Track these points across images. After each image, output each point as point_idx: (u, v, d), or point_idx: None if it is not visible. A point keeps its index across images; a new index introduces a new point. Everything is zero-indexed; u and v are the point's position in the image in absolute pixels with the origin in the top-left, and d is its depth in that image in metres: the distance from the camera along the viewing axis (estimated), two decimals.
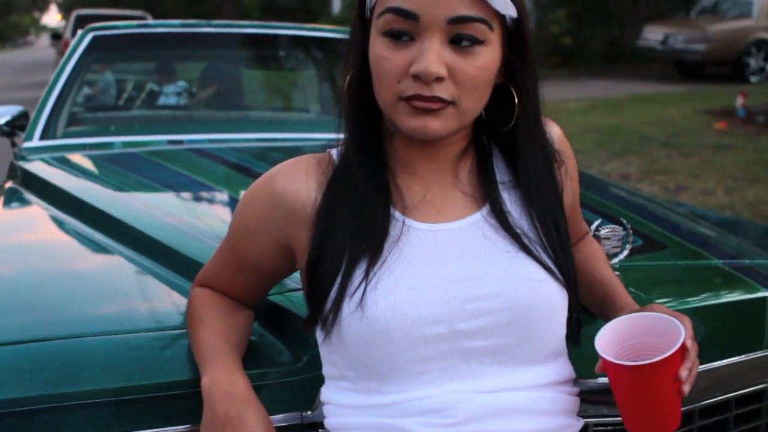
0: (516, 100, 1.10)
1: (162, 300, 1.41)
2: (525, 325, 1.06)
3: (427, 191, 1.11)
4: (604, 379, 1.11)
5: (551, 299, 1.08)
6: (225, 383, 1.09)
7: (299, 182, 1.12)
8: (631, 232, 1.39)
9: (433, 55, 1.00)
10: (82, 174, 2.36)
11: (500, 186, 1.13)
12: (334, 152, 1.15)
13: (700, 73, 14.04)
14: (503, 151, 1.15)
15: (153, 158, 2.44)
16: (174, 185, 2.16)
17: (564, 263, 1.10)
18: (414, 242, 1.07)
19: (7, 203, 2.17)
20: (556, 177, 1.16)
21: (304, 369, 1.21)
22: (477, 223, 1.10)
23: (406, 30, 1.01)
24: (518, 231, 1.09)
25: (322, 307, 1.07)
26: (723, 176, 6.43)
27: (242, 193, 1.25)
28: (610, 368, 1.03)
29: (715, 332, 1.36)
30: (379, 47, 1.04)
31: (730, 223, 2.66)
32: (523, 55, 1.09)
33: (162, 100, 3.53)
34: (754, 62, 13.66)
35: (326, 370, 1.13)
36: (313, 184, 1.12)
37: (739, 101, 9.57)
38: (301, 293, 1.18)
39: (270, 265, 1.18)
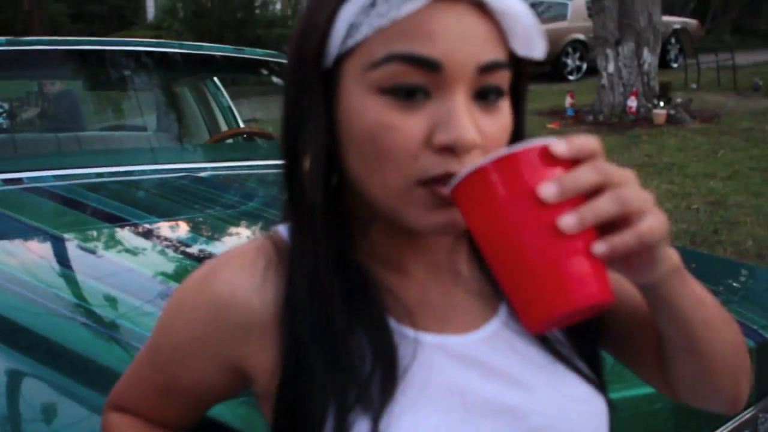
0: None
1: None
2: None
3: (423, 294, 0.81)
4: None
5: (602, 421, 0.81)
6: None
7: (249, 291, 0.78)
8: None
9: (467, 116, 0.70)
10: None
11: None
12: (283, 231, 0.82)
13: None
14: None
15: None
16: None
17: (597, 362, 0.85)
18: (423, 362, 0.76)
19: None
20: None
21: None
22: (498, 333, 0.81)
23: (422, 85, 0.71)
24: (548, 335, 0.82)
25: None
26: None
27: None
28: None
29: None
30: (379, 111, 0.71)
31: None
32: (521, 108, 0.81)
33: None
34: (571, 62, 14.25)
35: None
36: (270, 292, 0.78)
37: (568, 101, 9.88)
38: (249, 401, 0.87)
39: (211, 388, 0.84)
